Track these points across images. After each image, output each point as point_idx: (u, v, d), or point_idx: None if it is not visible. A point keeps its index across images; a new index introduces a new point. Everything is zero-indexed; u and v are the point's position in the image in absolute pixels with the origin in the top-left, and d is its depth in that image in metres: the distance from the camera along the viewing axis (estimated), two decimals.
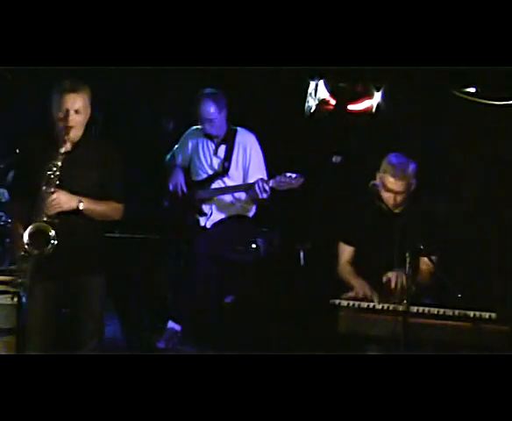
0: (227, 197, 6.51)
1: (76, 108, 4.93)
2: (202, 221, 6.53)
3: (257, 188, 6.17)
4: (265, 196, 6.17)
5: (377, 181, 5.30)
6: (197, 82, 6.26)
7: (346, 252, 5.27)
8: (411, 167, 5.17)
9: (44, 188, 4.86)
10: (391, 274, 5.06)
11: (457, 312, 4.77)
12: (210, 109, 6.36)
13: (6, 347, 5.26)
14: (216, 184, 6.51)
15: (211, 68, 5.21)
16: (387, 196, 5.18)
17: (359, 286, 5.03)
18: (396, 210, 5.19)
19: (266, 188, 6.15)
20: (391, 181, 5.14)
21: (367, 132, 6.30)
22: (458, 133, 6.32)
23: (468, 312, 4.76)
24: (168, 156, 6.78)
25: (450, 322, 4.80)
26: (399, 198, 5.18)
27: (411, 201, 5.30)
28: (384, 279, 5.08)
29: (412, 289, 4.76)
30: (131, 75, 6.43)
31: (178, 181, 6.63)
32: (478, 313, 4.74)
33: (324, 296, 5.13)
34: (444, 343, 4.82)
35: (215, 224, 6.50)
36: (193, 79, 6.32)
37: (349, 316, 4.94)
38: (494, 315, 4.76)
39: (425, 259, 5.06)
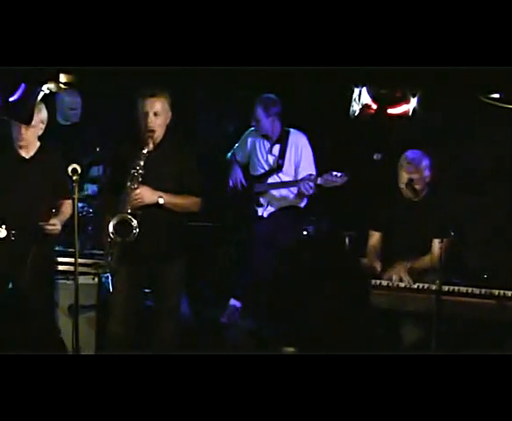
0: (281, 191, 6.67)
1: (156, 111, 5.14)
2: (260, 211, 6.74)
3: (303, 186, 6.36)
4: (311, 192, 6.34)
5: (412, 176, 5.41)
6: (256, 86, 6.39)
7: (374, 237, 5.53)
8: (425, 162, 5.40)
9: (129, 184, 5.10)
10: (392, 273, 5.29)
11: (483, 291, 5.04)
12: (261, 112, 6.58)
13: (88, 322, 5.51)
14: (272, 179, 6.68)
15: (270, 76, 5.28)
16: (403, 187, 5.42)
17: (376, 266, 5.30)
18: (415, 199, 5.39)
19: (312, 185, 6.31)
20: (405, 175, 5.39)
21: (405, 132, 6.28)
22: (486, 135, 6.33)
23: (493, 291, 5.03)
24: (229, 154, 6.97)
25: (477, 299, 5.06)
26: (414, 188, 5.39)
27: (432, 191, 5.50)
28: (389, 274, 5.28)
29: (442, 270, 4.96)
30: (199, 82, 6.53)
31: (238, 175, 6.87)
32: (502, 291, 5.02)
33: (366, 277, 5.29)
34: (472, 318, 5.08)
35: (271, 214, 6.70)
36: (252, 83, 6.36)
37: (388, 294, 5.19)
38: None
39: (452, 242, 5.11)
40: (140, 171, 5.10)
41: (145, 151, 5.11)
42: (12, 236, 5.35)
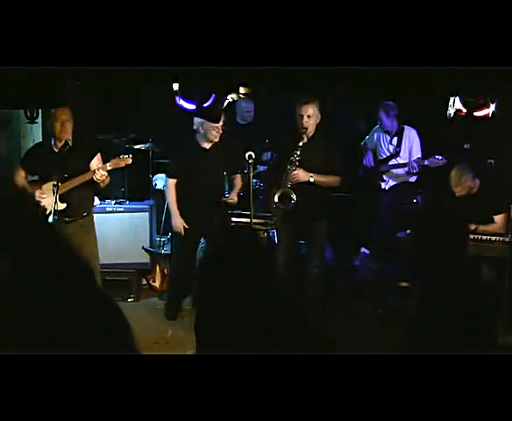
0: (398, 170, 7.54)
1: (309, 114, 5.79)
2: (383, 185, 7.67)
3: (413, 165, 7.24)
4: (418, 169, 7.21)
5: (492, 161, 6.43)
6: (380, 92, 6.70)
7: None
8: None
9: (288, 166, 5.82)
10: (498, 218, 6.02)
11: None
12: (383, 114, 7.45)
13: None
14: (392, 162, 7.57)
15: (392, 84, 4.95)
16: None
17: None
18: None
19: (419, 164, 7.14)
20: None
21: (487, 129, 6.74)
22: None
23: None
24: (362, 143, 7.87)
25: None
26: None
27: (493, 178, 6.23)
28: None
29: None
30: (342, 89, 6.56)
31: (368, 159, 7.77)
32: None
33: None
34: None
35: (391, 188, 7.61)
36: (377, 90, 6.23)
37: (473, 244, 5.73)
38: None
39: None
40: (297, 157, 5.79)
41: (300, 143, 5.80)
42: (202, 203, 6.02)
